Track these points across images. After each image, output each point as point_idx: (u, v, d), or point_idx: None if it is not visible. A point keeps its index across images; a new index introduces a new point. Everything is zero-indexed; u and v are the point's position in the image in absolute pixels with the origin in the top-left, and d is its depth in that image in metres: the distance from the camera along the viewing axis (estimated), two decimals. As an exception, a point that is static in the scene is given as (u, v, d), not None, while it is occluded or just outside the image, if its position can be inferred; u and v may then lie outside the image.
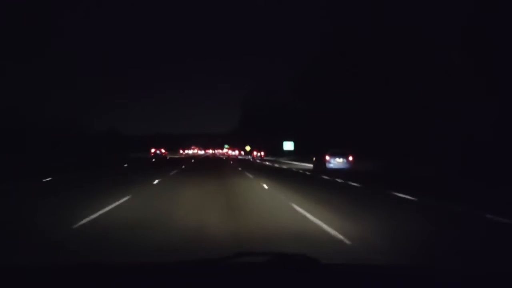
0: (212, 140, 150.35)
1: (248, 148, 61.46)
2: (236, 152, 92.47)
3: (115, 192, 10.09)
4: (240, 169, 26.02)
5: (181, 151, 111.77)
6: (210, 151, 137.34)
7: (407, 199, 9.78)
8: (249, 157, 72.24)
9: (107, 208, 7.64)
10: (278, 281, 1.44)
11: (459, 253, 4.54)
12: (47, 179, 15.22)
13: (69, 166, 25.25)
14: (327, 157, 22.60)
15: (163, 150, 67.36)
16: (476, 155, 18.01)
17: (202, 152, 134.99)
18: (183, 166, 27.87)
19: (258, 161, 49.89)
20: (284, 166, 31.11)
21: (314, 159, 26.10)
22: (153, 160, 43.30)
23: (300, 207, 7.99)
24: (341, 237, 5.26)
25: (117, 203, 8.40)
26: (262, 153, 67.21)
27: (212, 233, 5.61)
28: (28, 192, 11.44)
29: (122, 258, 4.46)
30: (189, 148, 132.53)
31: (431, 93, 23.64)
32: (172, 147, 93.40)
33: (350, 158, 22.70)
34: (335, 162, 22.37)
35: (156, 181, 14.18)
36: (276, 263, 1.59)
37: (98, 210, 7.31)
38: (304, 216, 7.01)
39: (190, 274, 1.47)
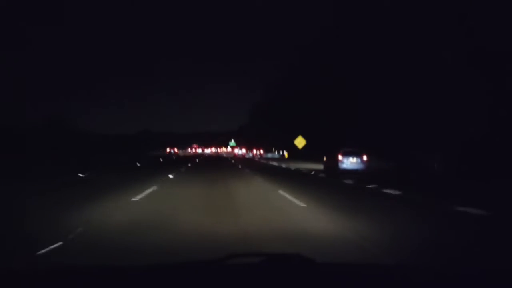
0: (213, 139, 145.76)
1: (301, 143, 39.39)
2: (243, 150, 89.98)
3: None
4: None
5: (188, 150, 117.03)
6: (213, 150, 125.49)
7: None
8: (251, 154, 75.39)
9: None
10: (273, 282, 1.43)
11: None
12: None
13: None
14: (340, 157, 21.23)
15: (175, 150, 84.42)
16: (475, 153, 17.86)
17: (206, 151, 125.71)
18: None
19: (262, 161, 49.33)
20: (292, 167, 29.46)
21: (324, 158, 24.84)
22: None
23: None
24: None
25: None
26: (262, 151, 72.49)
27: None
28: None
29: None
30: (191, 147, 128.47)
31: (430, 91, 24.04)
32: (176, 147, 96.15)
33: (365, 157, 21.40)
34: (349, 162, 21.10)
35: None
36: (271, 263, 1.58)
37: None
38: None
39: (184, 276, 1.49)
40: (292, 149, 44.72)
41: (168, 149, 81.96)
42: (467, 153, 19.74)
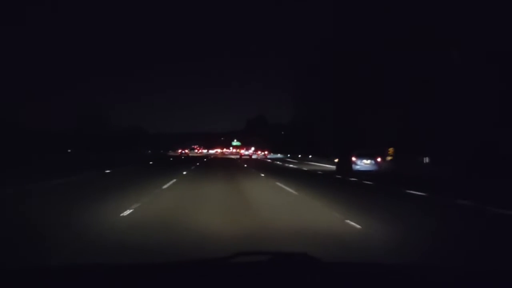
0: (214, 139, 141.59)
1: None
2: (252, 150, 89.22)
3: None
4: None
5: (195, 151, 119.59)
6: (218, 150, 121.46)
7: None
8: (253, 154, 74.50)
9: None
10: (279, 281, 1.44)
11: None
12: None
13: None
14: (354, 158, 21.67)
15: (186, 150, 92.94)
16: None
17: (211, 152, 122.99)
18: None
19: (267, 160, 50.25)
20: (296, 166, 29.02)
21: (337, 160, 25.26)
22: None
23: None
24: None
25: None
26: (266, 152, 72.96)
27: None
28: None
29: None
30: (192, 148, 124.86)
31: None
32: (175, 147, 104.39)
33: (379, 159, 21.94)
34: (363, 164, 21.41)
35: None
36: (277, 262, 1.59)
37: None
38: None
39: (190, 274, 1.51)
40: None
41: (180, 150, 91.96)
42: (475, 154, 19.29)
